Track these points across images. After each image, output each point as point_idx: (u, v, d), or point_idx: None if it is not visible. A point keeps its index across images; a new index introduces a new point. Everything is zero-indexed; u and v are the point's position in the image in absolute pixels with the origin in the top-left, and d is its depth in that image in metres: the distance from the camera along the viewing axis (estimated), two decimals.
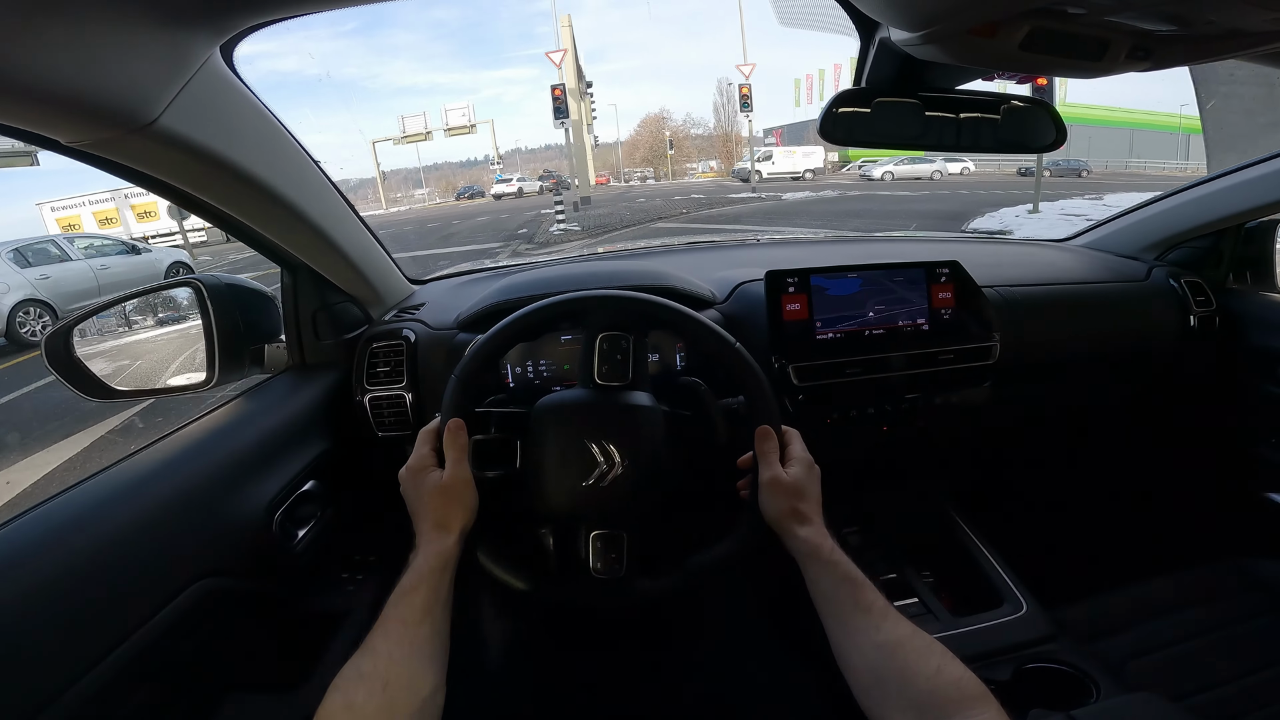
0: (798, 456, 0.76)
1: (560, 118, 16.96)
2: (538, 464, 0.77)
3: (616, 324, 0.81)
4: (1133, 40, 0.74)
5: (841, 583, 0.66)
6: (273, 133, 0.85)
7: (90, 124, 0.59)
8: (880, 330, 1.18)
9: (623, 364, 0.81)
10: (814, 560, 0.69)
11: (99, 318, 1.01)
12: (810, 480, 0.75)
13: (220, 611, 0.78)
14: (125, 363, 1.04)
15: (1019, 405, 1.42)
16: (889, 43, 0.83)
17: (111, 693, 0.63)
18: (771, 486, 0.74)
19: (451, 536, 0.69)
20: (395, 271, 1.33)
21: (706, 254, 1.74)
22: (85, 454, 4.05)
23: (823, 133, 0.93)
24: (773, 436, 0.77)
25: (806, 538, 0.70)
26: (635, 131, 64.44)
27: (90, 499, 0.72)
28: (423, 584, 0.65)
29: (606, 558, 0.77)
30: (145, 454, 0.84)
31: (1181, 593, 1.17)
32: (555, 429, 0.78)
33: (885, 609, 0.64)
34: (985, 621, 1.02)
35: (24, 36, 0.47)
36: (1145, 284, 1.48)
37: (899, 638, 0.61)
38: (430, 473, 0.72)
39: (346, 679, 0.56)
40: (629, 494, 0.77)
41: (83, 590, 0.63)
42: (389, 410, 1.12)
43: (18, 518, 0.67)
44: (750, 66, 21.67)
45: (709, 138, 60.33)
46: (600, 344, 0.81)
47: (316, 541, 0.97)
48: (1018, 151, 0.98)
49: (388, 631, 0.61)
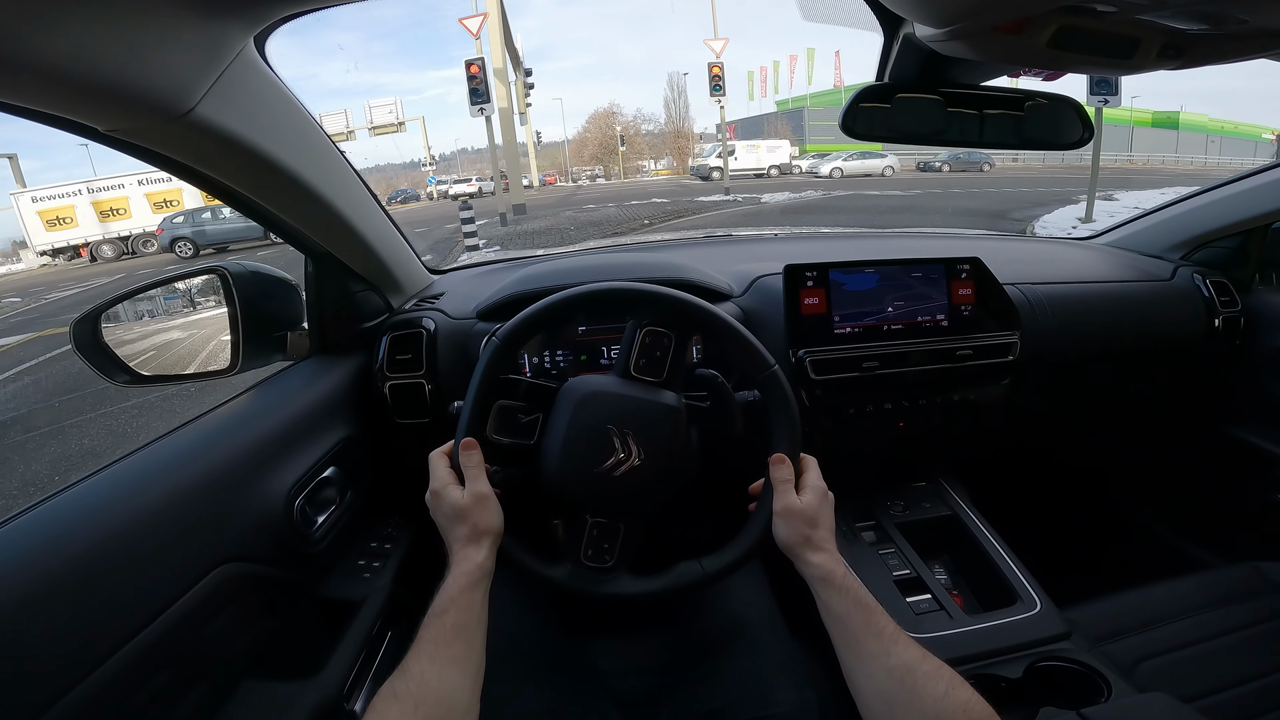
0: (812, 485, 0.77)
1: (478, 102, 12.37)
2: (555, 440, 0.78)
3: (663, 321, 0.82)
4: (1164, 39, 0.73)
5: (854, 607, 0.67)
6: (303, 123, 0.86)
7: (129, 112, 0.60)
8: (899, 325, 1.18)
9: (660, 361, 0.81)
10: (827, 585, 0.70)
11: (127, 304, 1.02)
12: (824, 508, 0.76)
13: (240, 597, 0.79)
14: (152, 349, 1.06)
15: (1038, 404, 1.41)
16: (914, 38, 0.83)
17: (132, 678, 0.64)
18: (787, 514, 0.75)
19: (482, 551, 0.70)
20: (416, 261, 1.34)
21: (725, 247, 1.75)
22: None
23: (843, 127, 0.93)
24: (788, 464, 0.77)
25: (820, 564, 0.71)
26: (584, 128, 59.50)
27: (115, 484, 0.73)
28: (453, 605, 0.66)
29: (598, 546, 0.78)
30: (169, 439, 0.85)
31: (1196, 595, 1.16)
32: (580, 409, 0.78)
33: (896, 633, 0.65)
34: (999, 619, 1.01)
35: (68, 26, 0.48)
36: (1170, 284, 1.46)
37: (909, 662, 0.62)
38: (451, 491, 0.74)
39: (382, 698, 0.57)
40: (637, 489, 0.78)
41: (108, 575, 0.64)
42: (408, 398, 1.13)
43: (43, 502, 0.68)
44: (723, 42, 17.27)
45: (660, 134, 56.55)
46: (643, 337, 0.81)
47: (335, 528, 0.98)
48: (1043, 148, 0.97)
49: (420, 653, 0.61)
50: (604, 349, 1.18)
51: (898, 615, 1.01)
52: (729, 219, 13.97)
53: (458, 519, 0.73)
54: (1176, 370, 1.50)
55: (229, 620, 0.78)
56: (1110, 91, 6.73)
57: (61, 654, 0.58)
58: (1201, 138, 38.06)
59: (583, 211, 17.40)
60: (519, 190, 18.07)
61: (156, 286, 1.08)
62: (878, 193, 18.08)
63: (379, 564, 1.08)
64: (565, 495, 0.79)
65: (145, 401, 4.78)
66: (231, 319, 1.04)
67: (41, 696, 0.56)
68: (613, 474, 0.77)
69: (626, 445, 0.77)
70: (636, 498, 0.79)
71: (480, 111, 12.52)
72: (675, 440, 0.80)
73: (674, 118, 54.56)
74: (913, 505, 1.27)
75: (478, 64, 12.22)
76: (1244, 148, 38.85)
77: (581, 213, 17.10)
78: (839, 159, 26.82)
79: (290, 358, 1.14)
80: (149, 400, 4.79)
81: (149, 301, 1.09)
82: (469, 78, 12.18)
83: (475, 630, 0.66)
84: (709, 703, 0.86)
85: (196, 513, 0.76)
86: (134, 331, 1.05)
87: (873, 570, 1.11)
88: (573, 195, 27.29)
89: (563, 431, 0.78)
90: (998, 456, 1.53)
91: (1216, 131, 39.22)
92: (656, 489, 0.80)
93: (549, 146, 63.27)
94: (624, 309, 0.83)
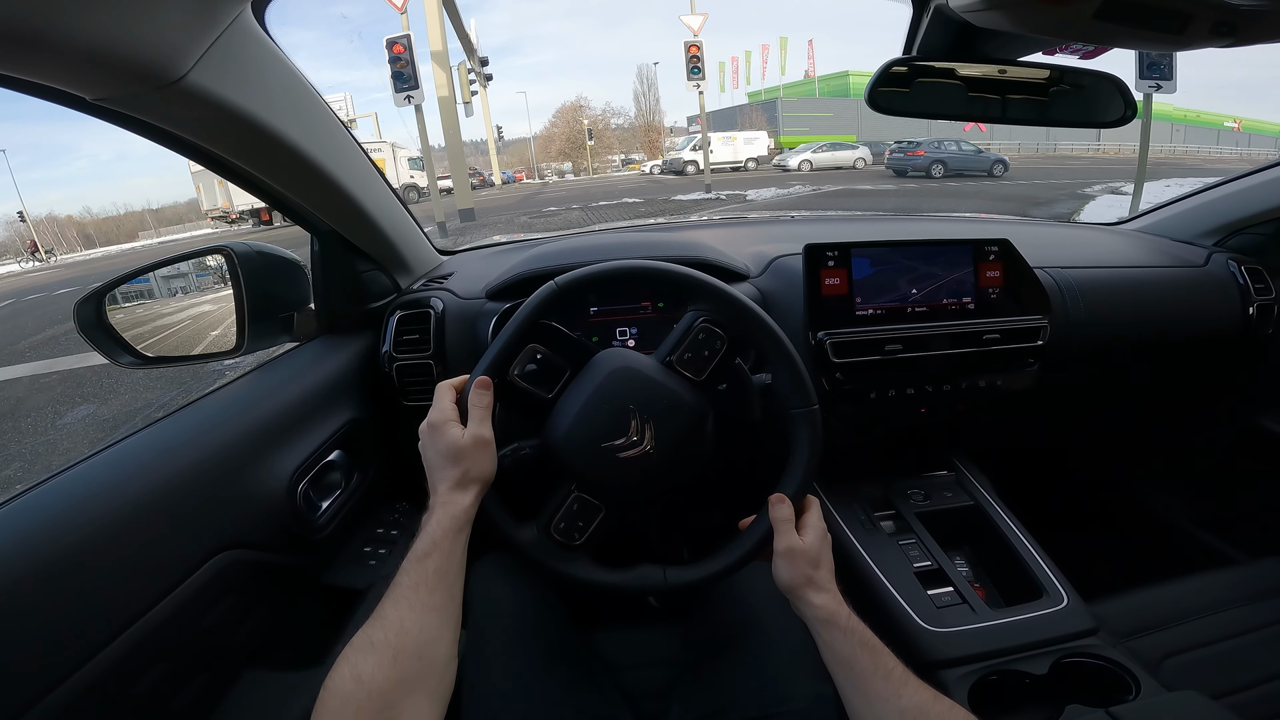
0: (813, 525, 0.75)
1: (403, 88, 10.27)
2: (574, 402, 0.76)
3: (723, 323, 0.79)
4: (1218, 15, 0.69)
5: (860, 649, 0.65)
6: (305, 94, 0.84)
7: (117, 79, 0.57)
8: (923, 308, 1.14)
9: (705, 361, 0.79)
10: (831, 627, 0.67)
11: (131, 284, 1.00)
12: (824, 548, 0.74)
13: (241, 585, 0.78)
14: (156, 329, 1.04)
15: (1065, 391, 1.37)
16: (946, 9, 0.78)
17: (129, 667, 0.62)
18: (788, 556, 0.72)
19: (468, 497, 0.67)
20: (424, 241, 1.32)
21: (741, 229, 1.72)
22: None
23: (869, 101, 0.90)
24: (788, 504, 0.75)
25: (823, 605, 0.69)
26: (550, 123, 55.79)
27: (110, 469, 0.72)
28: (436, 549, 0.62)
29: (572, 522, 0.76)
30: (169, 421, 0.83)
31: (1224, 590, 1.14)
32: (610, 380, 0.76)
33: (905, 675, 0.63)
34: (1024, 614, 0.99)
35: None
36: (1203, 270, 1.42)
37: (920, 704, 0.60)
38: (451, 428, 0.69)
39: (356, 649, 0.54)
40: (636, 477, 0.76)
41: (103, 562, 0.63)
42: (416, 379, 1.12)
43: (35, 487, 0.66)
44: (700, 18, 14.43)
45: (630, 128, 53.97)
46: (698, 332, 0.79)
47: (339, 514, 0.96)
48: (1082, 125, 0.94)
49: (399, 599, 0.58)
50: (616, 330, 1.16)
51: (919, 608, 1.00)
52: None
53: (451, 459, 0.68)
54: (1207, 358, 1.47)
55: (229, 609, 0.76)
56: (1163, 75, 5.90)
57: (55, 642, 0.57)
58: (1167, 126, 39.04)
59: (539, 218, 15.08)
60: (465, 194, 14.99)
61: (162, 266, 1.06)
62: (869, 187, 17.00)
63: (385, 551, 1.06)
64: (562, 459, 0.76)
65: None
66: (237, 299, 1.02)
67: (35, 685, 0.54)
68: (617, 454, 0.74)
69: (641, 431, 0.74)
70: (631, 486, 0.77)
71: (407, 100, 10.45)
72: (691, 443, 0.78)
73: (644, 111, 53.23)
74: (934, 494, 1.24)
75: (401, 43, 10.17)
76: (1207, 136, 41.03)
77: (538, 219, 14.90)
78: (808, 151, 25.29)
79: (297, 338, 1.12)
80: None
81: (153, 282, 1.07)
82: (391, 59, 10.17)
83: (456, 579, 0.63)
84: (722, 698, 0.83)
85: (195, 498, 0.74)
86: (140, 312, 1.03)
87: (893, 561, 1.08)
88: (536, 195, 24.36)
89: (585, 396, 0.75)
90: (1024, 445, 1.50)
91: (1181, 120, 40.26)
92: (654, 483, 0.78)
93: (514, 143, 61.28)
94: (689, 295, 0.80)
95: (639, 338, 1.16)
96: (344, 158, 0.94)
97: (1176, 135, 40.09)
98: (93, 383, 5.19)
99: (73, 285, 12.67)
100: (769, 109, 41.18)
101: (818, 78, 47.26)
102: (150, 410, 4.36)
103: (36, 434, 4.26)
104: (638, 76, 62.02)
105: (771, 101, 42.50)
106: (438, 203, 13.00)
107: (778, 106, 39.94)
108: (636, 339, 1.16)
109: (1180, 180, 12.42)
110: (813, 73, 47.59)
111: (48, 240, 35.91)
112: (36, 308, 10.61)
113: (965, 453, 1.33)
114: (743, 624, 0.93)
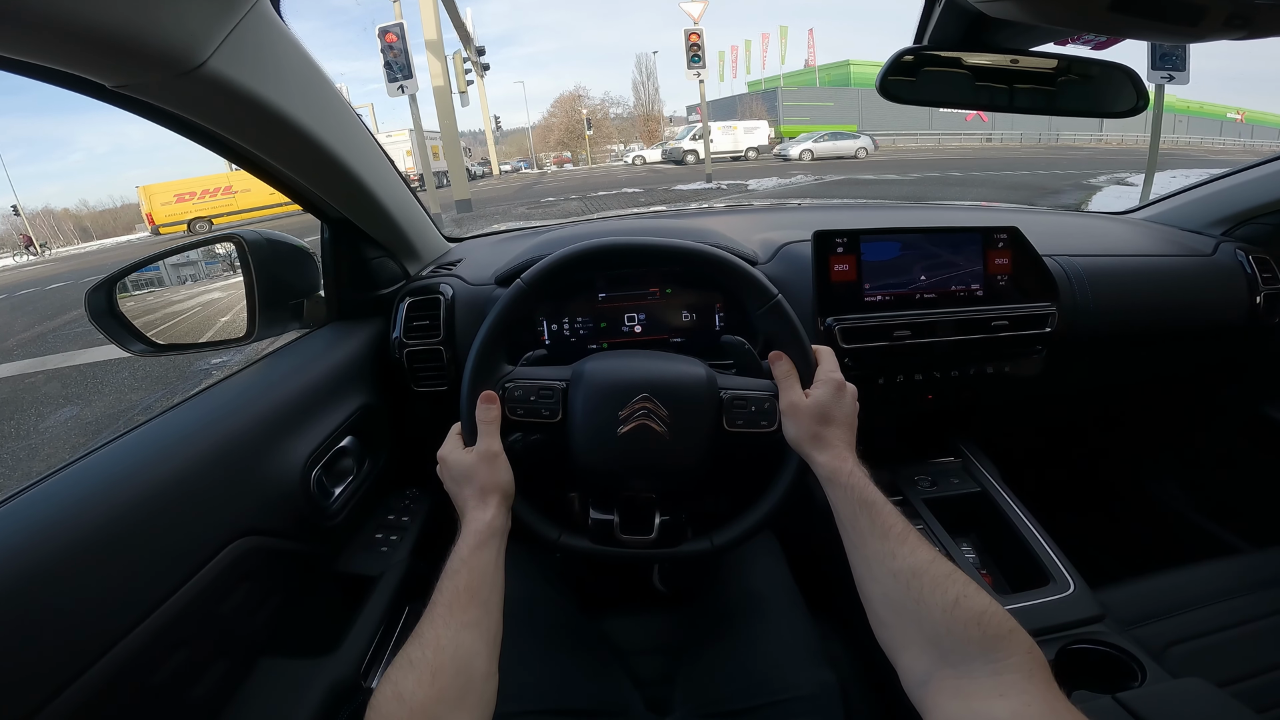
0: (825, 378, 0.73)
1: (396, 78, 10.28)
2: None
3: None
4: (1232, 6, 0.68)
5: (859, 506, 0.62)
6: (318, 81, 0.83)
7: (137, 66, 0.57)
8: (932, 294, 1.14)
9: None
10: (832, 485, 0.66)
11: (141, 272, 1.00)
12: (837, 403, 0.71)
13: (257, 572, 0.78)
14: (167, 316, 1.04)
15: (1072, 379, 1.38)
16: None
17: (151, 655, 0.62)
18: (790, 412, 0.71)
19: (489, 510, 0.68)
20: (432, 228, 1.32)
21: (748, 216, 1.72)
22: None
23: (880, 89, 0.90)
24: (785, 359, 0.74)
25: (824, 463, 0.67)
26: (549, 113, 55.32)
27: (127, 456, 0.72)
28: (464, 567, 0.63)
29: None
30: (182, 409, 0.83)
31: (1229, 579, 1.14)
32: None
33: (904, 533, 0.59)
34: (1031, 600, 0.99)
35: None
36: (1211, 259, 1.42)
37: (916, 565, 0.56)
38: (456, 453, 0.72)
39: (397, 668, 0.55)
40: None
41: (122, 550, 0.62)
42: (426, 364, 1.12)
43: (51, 475, 0.66)
44: (701, 5, 14.35)
45: (629, 118, 54.23)
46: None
47: (351, 501, 0.97)
48: (1088, 115, 0.93)
49: (434, 618, 0.59)
50: (625, 316, 1.16)
51: None
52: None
53: (464, 479, 0.71)
54: (1213, 347, 1.47)
55: (245, 596, 0.76)
56: (1175, 67, 5.98)
57: (77, 631, 0.57)
58: (1170, 118, 38.78)
59: (537, 208, 15.30)
60: (462, 183, 15.04)
61: (172, 254, 1.07)
62: (873, 176, 16.71)
63: (396, 537, 1.07)
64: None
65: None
66: (248, 286, 1.02)
67: (61, 674, 0.54)
68: (629, 438, 0.74)
69: (652, 409, 0.75)
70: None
71: (400, 90, 10.47)
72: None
73: (643, 100, 53.03)
74: (940, 480, 1.24)
75: (394, 32, 10.24)
76: (1211, 127, 41.37)
77: (536, 209, 15.08)
78: (809, 140, 25.26)
79: (307, 325, 1.12)
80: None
81: (163, 270, 1.07)
82: (384, 48, 10.22)
83: (490, 593, 0.63)
84: (727, 685, 0.84)
85: (212, 485, 0.74)
86: (150, 300, 1.04)
87: None
88: (534, 185, 24.51)
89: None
90: (1031, 432, 1.50)
91: (1184, 111, 40.28)
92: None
93: (512, 133, 61.15)
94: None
95: (646, 323, 1.16)
96: (356, 145, 0.94)
97: (1180, 126, 39.99)
98: (78, 383, 5.18)
99: (65, 280, 12.69)
100: (769, 98, 40.80)
101: (818, 67, 47.02)
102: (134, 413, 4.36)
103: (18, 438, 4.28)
104: (637, 66, 61.59)
105: (772, 91, 42.12)
106: (433, 193, 13.13)
107: (778, 96, 39.60)
108: (644, 324, 1.16)
109: (1186, 171, 12.43)
110: (813, 62, 47.37)
111: (44, 234, 36.14)
112: (28, 303, 10.57)
113: (972, 439, 1.34)
114: (747, 610, 0.93)
